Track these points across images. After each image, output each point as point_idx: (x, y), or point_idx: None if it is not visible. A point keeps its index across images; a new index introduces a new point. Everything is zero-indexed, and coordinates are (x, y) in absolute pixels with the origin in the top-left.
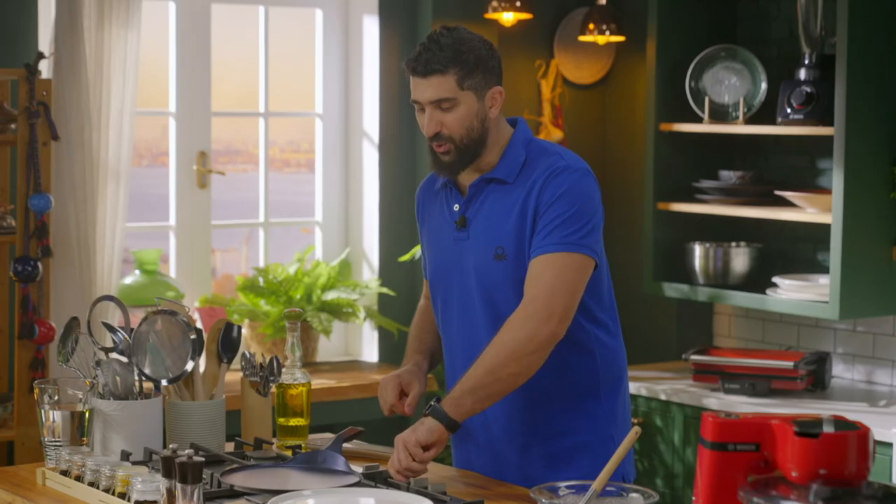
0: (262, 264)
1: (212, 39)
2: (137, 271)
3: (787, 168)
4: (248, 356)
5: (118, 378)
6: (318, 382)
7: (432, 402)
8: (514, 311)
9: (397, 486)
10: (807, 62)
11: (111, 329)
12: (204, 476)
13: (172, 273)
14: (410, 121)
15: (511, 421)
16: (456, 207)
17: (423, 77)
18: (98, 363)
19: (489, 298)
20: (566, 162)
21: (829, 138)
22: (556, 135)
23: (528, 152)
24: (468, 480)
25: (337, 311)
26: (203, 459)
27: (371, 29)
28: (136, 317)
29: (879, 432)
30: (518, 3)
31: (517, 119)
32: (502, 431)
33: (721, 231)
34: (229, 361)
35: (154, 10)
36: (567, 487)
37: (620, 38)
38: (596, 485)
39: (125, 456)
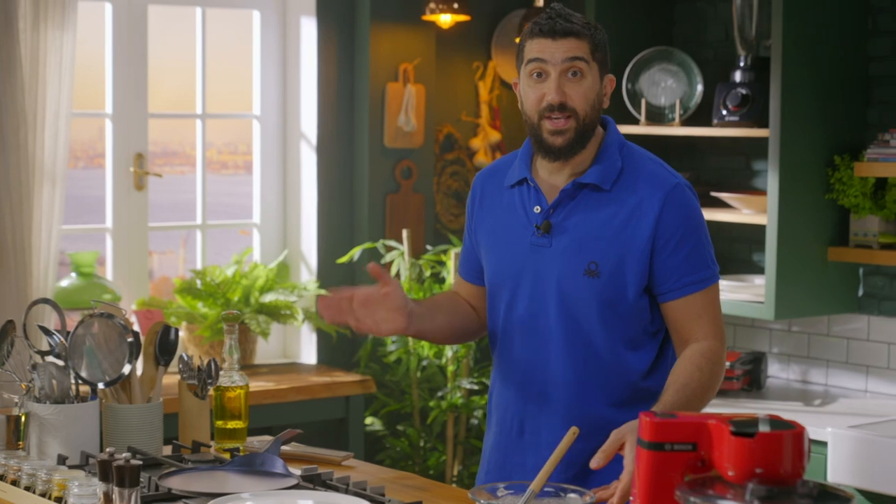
0: (199, 266)
1: (148, 41)
2: (74, 274)
3: (723, 169)
4: (185, 359)
5: (54, 381)
6: (257, 385)
7: None
8: (695, 349)
9: (335, 488)
10: (742, 64)
11: (47, 332)
12: (141, 480)
13: (109, 275)
14: (348, 122)
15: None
16: (537, 209)
17: (556, 38)
18: (34, 367)
19: (570, 315)
20: (676, 179)
21: (765, 140)
22: (494, 136)
23: (624, 159)
24: (407, 482)
25: (275, 313)
26: (140, 463)
27: (308, 31)
28: (73, 320)
29: (814, 431)
30: (455, 6)
31: (607, 119)
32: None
33: None
34: (167, 364)
35: (90, 11)
36: (505, 488)
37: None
38: (534, 485)
39: (62, 460)
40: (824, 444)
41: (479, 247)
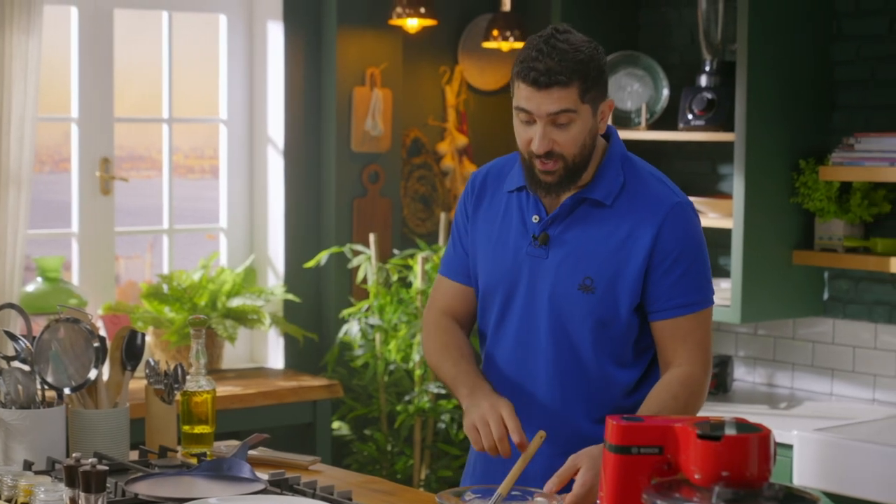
0: (166, 271)
1: (115, 45)
2: (39, 279)
3: (689, 174)
4: (152, 364)
5: (20, 387)
6: (224, 389)
7: None
8: (674, 374)
9: (303, 493)
10: (708, 69)
11: (13, 337)
12: (108, 485)
13: (75, 280)
14: (315, 126)
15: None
16: (535, 219)
17: (541, 89)
18: (0, 372)
19: (562, 330)
20: (677, 197)
21: (730, 144)
22: (461, 141)
23: (626, 174)
24: (375, 486)
25: (242, 317)
26: (107, 468)
27: (275, 35)
28: (39, 325)
29: (780, 434)
30: (422, 10)
31: (610, 129)
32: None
33: None
34: (133, 369)
35: (56, 15)
36: (473, 492)
37: (524, 45)
38: (501, 489)
39: (28, 465)
40: (790, 447)
41: (474, 247)
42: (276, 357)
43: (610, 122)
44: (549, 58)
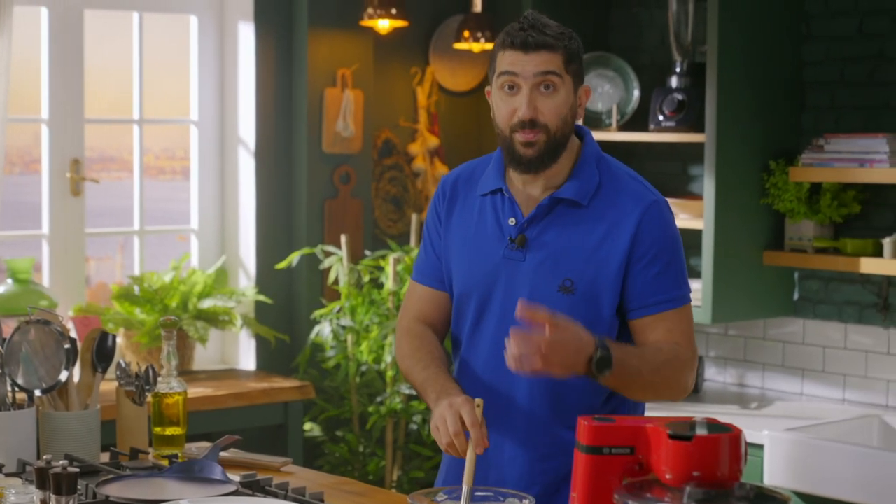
0: (137, 272)
1: (85, 45)
2: (10, 280)
3: (660, 174)
4: (123, 365)
5: None
6: (195, 391)
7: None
8: (664, 342)
9: (274, 494)
10: (678, 70)
11: None
12: (79, 487)
13: (46, 282)
14: (286, 127)
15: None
16: (512, 222)
17: (528, 51)
18: None
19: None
20: (653, 196)
21: (701, 145)
22: (432, 142)
23: (601, 173)
24: (347, 488)
25: (213, 319)
26: (78, 470)
27: (246, 36)
28: (9, 326)
29: (751, 434)
30: (394, 11)
31: (583, 130)
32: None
33: None
34: (104, 371)
35: (26, 15)
36: (445, 493)
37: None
38: (466, 480)
39: None
40: (761, 446)
41: (448, 252)
42: (247, 358)
43: (580, 121)
44: (535, 29)
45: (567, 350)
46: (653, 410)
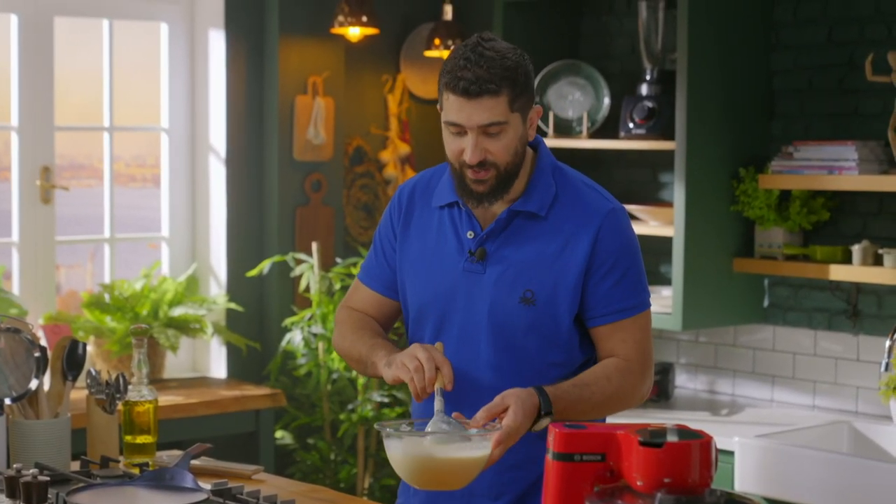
0: (107, 280)
1: (55, 52)
2: None
3: (630, 182)
4: (93, 373)
5: None
6: (166, 399)
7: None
8: (613, 361)
9: (246, 502)
10: (648, 78)
11: None
12: (49, 496)
13: (16, 290)
14: (257, 135)
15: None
16: (470, 235)
17: (471, 98)
18: None
19: (506, 344)
20: (611, 204)
21: (671, 153)
22: (404, 149)
23: (557, 184)
24: (318, 495)
25: (184, 326)
26: (48, 479)
27: (217, 43)
28: None
29: (722, 441)
30: (364, 19)
31: (537, 139)
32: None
33: None
34: (74, 379)
35: None
36: (408, 425)
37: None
38: (437, 408)
39: None
40: (731, 453)
41: (402, 263)
42: (218, 366)
43: (551, 132)
44: (478, 66)
45: (520, 432)
46: (623, 417)
